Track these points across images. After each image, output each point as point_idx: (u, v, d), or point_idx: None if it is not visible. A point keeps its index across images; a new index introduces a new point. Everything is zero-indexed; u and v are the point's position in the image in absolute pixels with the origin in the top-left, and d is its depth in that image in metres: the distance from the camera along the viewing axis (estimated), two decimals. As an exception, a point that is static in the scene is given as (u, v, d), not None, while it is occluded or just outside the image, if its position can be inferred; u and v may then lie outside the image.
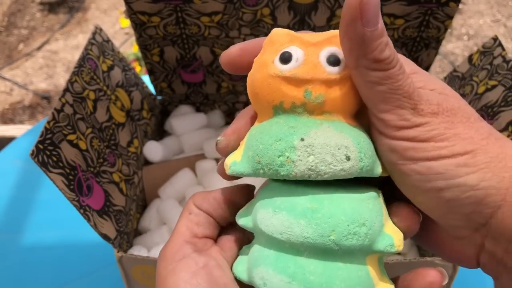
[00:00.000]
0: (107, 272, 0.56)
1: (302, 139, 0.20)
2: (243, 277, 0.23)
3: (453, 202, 0.20)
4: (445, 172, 0.20)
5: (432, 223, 0.23)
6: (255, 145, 0.21)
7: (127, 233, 0.47)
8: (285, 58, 0.21)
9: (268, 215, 0.21)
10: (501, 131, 0.42)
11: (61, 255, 0.58)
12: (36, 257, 0.59)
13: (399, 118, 0.20)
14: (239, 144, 0.23)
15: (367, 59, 0.19)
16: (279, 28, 0.22)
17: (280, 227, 0.20)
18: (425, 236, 0.24)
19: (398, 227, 0.22)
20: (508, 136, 0.41)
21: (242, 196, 0.25)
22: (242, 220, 0.23)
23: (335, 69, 0.20)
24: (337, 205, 0.20)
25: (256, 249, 0.22)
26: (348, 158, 0.20)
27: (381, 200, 0.22)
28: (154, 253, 0.49)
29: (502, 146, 0.20)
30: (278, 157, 0.20)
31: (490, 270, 0.22)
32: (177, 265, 0.23)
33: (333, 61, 0.20)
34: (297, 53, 0.21)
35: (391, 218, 0.22)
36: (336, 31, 0.21)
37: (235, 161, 0.22)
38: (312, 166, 0.20)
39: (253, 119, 0.23)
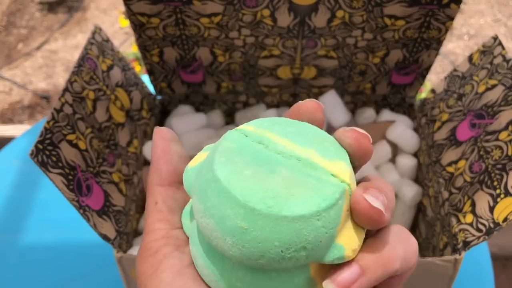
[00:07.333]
0: (107, 272, 0.56)
1: None
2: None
3: None
4: None
5: None
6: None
7: (126, 233, 0.47)
8: None
9: (199, 213, 0.18)
10: (501, 130, 0.42)
11: (61, 255, 0.58)
12: (36, 257, 0.58)
13: None
14: None
15: None
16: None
17: (208, 231, 0.18)
18: None
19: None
20: (508, 135, 0.41)
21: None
22: (183, 218, 0.22)
23: None
24: (272, 227, 0.17)
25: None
26: None
27: (346, 196, 0.18)
28: (154, 253, 0.49)
29: None
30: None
31: None
32: (158, 266, 0.20)
33: None
34: None
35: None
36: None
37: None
38: None
39: None
